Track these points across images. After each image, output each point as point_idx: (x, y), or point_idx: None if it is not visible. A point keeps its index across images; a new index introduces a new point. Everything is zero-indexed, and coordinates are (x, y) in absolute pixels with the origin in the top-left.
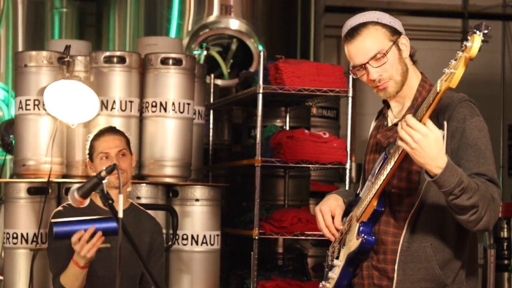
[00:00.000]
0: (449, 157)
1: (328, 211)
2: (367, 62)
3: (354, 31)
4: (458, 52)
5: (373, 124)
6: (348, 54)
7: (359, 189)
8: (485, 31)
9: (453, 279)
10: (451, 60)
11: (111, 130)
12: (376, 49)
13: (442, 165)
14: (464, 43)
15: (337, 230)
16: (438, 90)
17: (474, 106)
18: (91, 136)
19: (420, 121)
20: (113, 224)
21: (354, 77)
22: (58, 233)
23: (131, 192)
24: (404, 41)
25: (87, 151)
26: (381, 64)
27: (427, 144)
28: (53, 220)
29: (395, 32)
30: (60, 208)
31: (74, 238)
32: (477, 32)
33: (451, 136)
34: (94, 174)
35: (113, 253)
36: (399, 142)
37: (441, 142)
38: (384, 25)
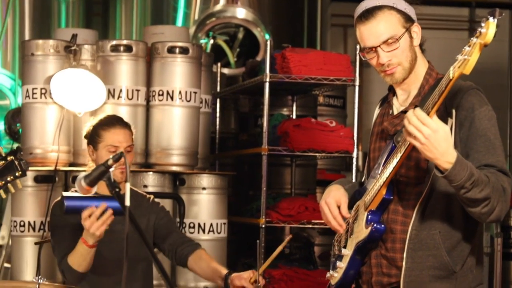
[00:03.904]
0: (457, 146)
1: (334, 202)
2: (379, 46)
3: (369, 13)
4: (472, 38)
5: (376, 111)
6: (360, 36)
7: (363, 178)
8: (499, 17)
9: (461, 266)
10: (465, 47)
11: (121, 122)
12: (389, 33)
13: (452, 160)
14: (478, 29)
15: (344, 218)
16: (451, 77)
17: (482, 94)
18: (94, 121)
19: (432, 108)
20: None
21: (363, 59)
22: (68, 207)
23: (137, 181)
24: (416, 29)
25: (87, 134)
26: (392, 49)
27: (436, 140)
28: (64, 194)
29: (408, 19)
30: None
31: (85, 214)
32: (491, 18)
33: (460, 125)
34: (92, 160)
35: (116, 235)
36: (407, 137)
37: (450, 137)
38: (399, 11)
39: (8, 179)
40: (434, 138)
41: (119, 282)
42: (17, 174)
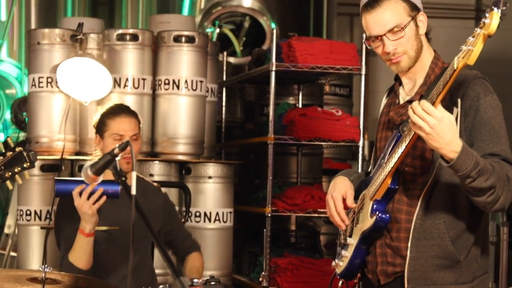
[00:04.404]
0: (462, 135)
1: (340, 197)
2: (384, 34)
3: (375, 2)
4: (476, 29)
5: (384, 101)
6: (365, 24)
7: (370, 167)
8: (503, 8)
9: (466, 255)
10: (469, 37)
11: (127, 110)
12: (394, 22)
13: (457, 149)
14: (482, 20)
15: (350, 209)
16: (455, 67)
17: (488, 83)
18: (102, 110)
19: (436, 98)
20: (115, 187)
21: (368, 48)
22: (59, 190)
23: (143, 169)
24: (422, 18)
25: (96, 124)
26: (397, 38)
27: (442, 129)
28: (55, 178)
29: (414, 8)
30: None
31: (75, 192)
32: (495, 9)
33: (465, 114)
34: (99, 149)
35: (122, 233)
36: (412, 128)
37: (455, 127)
38: (405, 0)
39: (16, 170)
40: (439, 127)
41: (124, 278)
42: (25, 165)
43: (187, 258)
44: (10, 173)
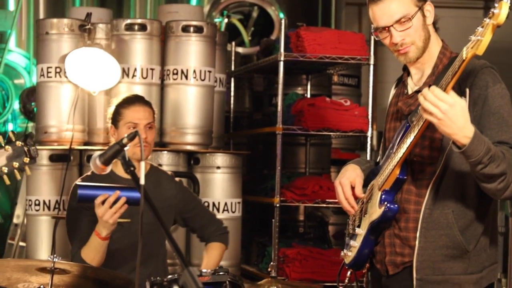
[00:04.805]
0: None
1: (348, 183)
2: (391, 25)
3: None
4: (485, 19)
5: (392, 92)
6: (372, 16)
7: (379, 157)
8: None
9: (475, 245)
10: (478, 28)
11: (141, 100)
12: (401, 13)
13: (469, 135)
14: (491, 10)
15: (358, 199)
16: (464, 58)
17: (496, 72)
18: (116, 101)
19: (445, 89)
20: (136, 194)
21: (376, 39)
22: (82, 196)
23: (152, 159)
24: (429, 8)
25: (110, 115)
26: (405, 28)
27: (454, 114)
28: (78, 183)
29: None
30: (79, 179)
31: (98, 200)
32: None
33: (474, 103)
34: (114, 139)
35: (133, 227)
36: (424, 114)
37: (467, 112)
38: None
39: (14, 164)
40: (452, 112)
41: (134, 270)
42: (24, 160)
43: (206, 246)
44: (6, 168)
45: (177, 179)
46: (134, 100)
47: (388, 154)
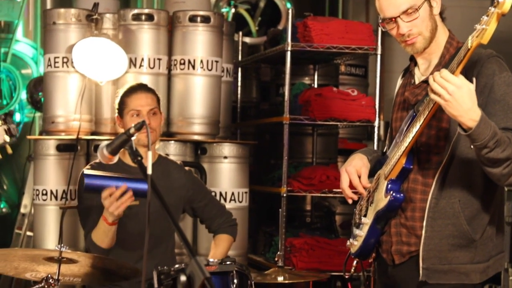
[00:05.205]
0: None
1: (354, 171)
2: (398, 16)
3: None
4: (490, 8)
5: (399, 82)
6: (379, 7)
7: (386, 147)
8: None
9: (481, 235)
10: (483, 16)
11: (143, 87)
12: (408, 3)
13: (476, 118)
14: None
15: (364, 188)
16: (469, 47)
17: (503, 62)
18: (121, 91)
19: None
20: (143, 186)
21: (383, 29)
22: (88, 186)
23: (159, 148)
24: None
25: (116, 106)
26: (412, 19)
27: (461, 96)
28: (86, 172)
29: None
30: (88, 167)
31: (105, 194)
32: None
33: (480, 92)
34: (123, 130)
35: (142, 210)
36: (432, 95)
37: (474, 95)
38: None
39: None
40: (458, 94)
41: (142, 259)
42: (5, 138)
43: (214, 238)
44: None
45: (186, 168)
46: (136, 88)
47: (394, 143)
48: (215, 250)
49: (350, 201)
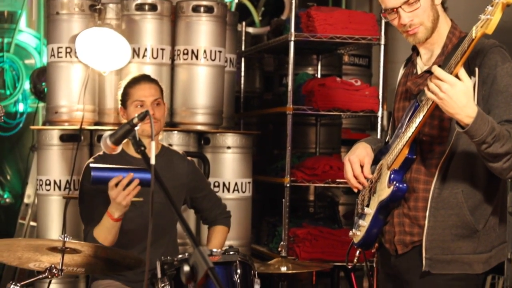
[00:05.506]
0: (480, 104)
1: (357, 160)
2: (400, 6)
3: None
4: None
5: (401, 71)
6: None
7: (388, 137)
8: None
9: (484, 225)
10: (487, 6)
11: (146, 78)
12: None
13: (472, 115)
14: None
15: (367, 178)
16: (473, 37)
17: (506, 52)
18: (124, 82)
19: (454, 67)
20: (148, 175)
21: (385, 20)
22: (95, 178)
23: (163, 139)
24: None
25: (120, 97)
26: (413, 9)
27: (455, 94)
28: (91, 165)
29: None
30: (91, 159)
31: (112, 183)
32: None
33: (483, 82)
34: (126, 121)
35: (145, 207)
36: (428, 94)
37: (470, 92)
38: None
39: None
40: (452, 92)
41: (146, 249)
42: None
43: (210, 229)
44: None
45: (189, 158)
46: (139, 79)
47: (397, 133)
48: (214, 241)
49: (356, 190)
